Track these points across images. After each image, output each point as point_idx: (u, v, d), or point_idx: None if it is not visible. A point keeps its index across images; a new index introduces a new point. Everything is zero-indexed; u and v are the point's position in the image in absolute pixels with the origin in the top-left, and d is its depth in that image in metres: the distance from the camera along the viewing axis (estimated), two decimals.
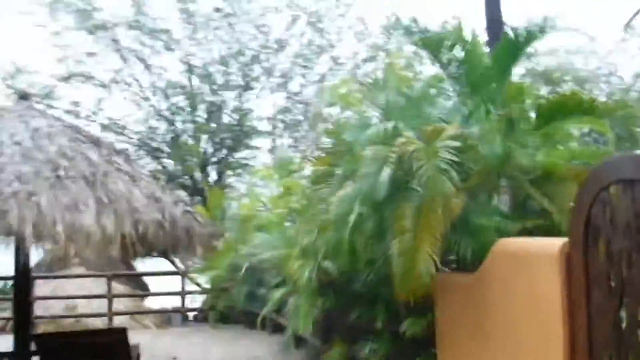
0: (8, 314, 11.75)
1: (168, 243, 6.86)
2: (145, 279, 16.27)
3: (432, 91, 6.80)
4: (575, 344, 3.85)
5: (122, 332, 7.02)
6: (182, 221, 6.91)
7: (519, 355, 4.41)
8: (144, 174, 7.48)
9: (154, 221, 6.56)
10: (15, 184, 6.22)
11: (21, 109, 7.64)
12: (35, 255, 6.69)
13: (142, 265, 17.24)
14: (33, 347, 6.91)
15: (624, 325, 3.49)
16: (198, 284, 13.74)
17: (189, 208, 7.45)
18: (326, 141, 7.88)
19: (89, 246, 6.14)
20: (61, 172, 6.58)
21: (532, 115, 6.19)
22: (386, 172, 5.27)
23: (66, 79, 17.18)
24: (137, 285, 15.80)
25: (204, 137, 17.89)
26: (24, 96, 8.07)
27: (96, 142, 7.52)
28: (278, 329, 9.95)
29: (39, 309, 12.24)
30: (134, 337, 9.10)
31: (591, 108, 5.71)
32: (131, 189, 6.83)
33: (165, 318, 13.48)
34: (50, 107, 16.68)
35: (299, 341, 8.69)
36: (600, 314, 3.66)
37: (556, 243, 4.02)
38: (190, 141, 17.35)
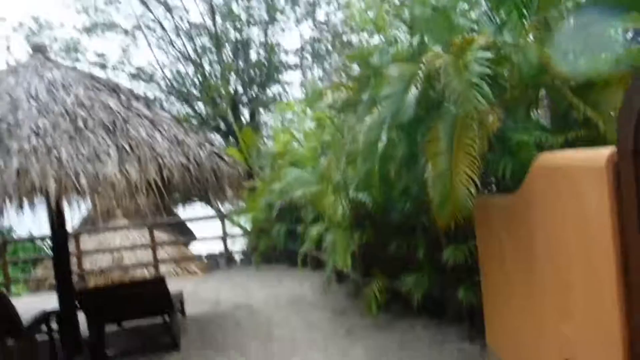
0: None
1: (196, 186, 6.70)
2: (192, 225, 16.39)
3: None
4: (629, 262, 3.49)
5: (161, 281, 6.96)
6: (208, 163, 6.72)
7: (567, 276, 4.08)
8: (166, 117, 7.25)
9: (179, 165, 6.39)
10: (33, 139, 6.09)
11: (35, 62, 7.45)
12: (77, 212, 6.58)
13: (183, 212, 17.40)
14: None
15: None
16: (240, 226, 13.74)
17: (215, 149, 7.23)
18: (353, 67, 7.49)
19: (116, 196, 6.01)
20: (80, 123, 6.42)
21: (571, 19, 5.64)
22: (413, 92, 4.88)
23: (88, 30, 16.95)
24: (183, 232, 15.95)
25: (233, 77, 17.57)
26: (37, 48, 7.86)
27: (114, 89, 7.31)
28: (320, 265, 9.85)
29: (87, 262, 12.50)
30: (179, 284, 9.19)
31: (636, 4, 5.12)
32: (153, 134, 6.64)
33: (211, 263, 13.58)
34: (77, 60, 16.58)
35: (340, 276, 8.57)
36: None
37: (603, 153, 3.60)
38: (219, 82, 17.04)
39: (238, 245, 14.08)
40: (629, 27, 6.03)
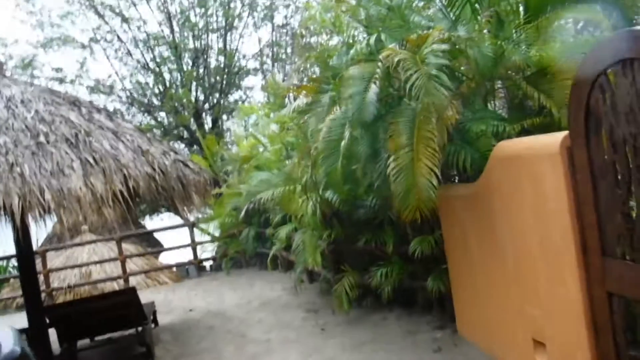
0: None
1: (162, 195, 6.70)
2: (160, 236, 16.25)
3: None
4: (587, 242, 3.64)
5: (132, 291, 6.93)
6: (173, 171, 6.72)
7: (530, 259, 4.23)
8: (129, 127, 7.22)
9: (144, 175, 6.37)
10: None
11: None
12: (43, 228, 6.50)
13: (151, 223, 17.24)
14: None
15: (634, 215, 3.28)
16: (209, 233, 13.71)
17: (179, 157, 7.23)
18: (313, 69, 7.58)
19: (82, 209, 5.97)
20: (42, 138, 6.36)
21: (522, 10, 5.82)
22: (373, 90, 4.98)
23: (44, 45, 16.71)
24: (151, 244, 15.81)
25: (194, 84, 17.50)
26: None
27: (75, 103, 7.25)
28: (290, 266, 9.91)
29: (55, 280, 12.31)
30: (150, 295, 9.14)
31: None
32: (117, 145, 6.61)
33: (181, 272, 13.51)
34: (34, 76, 16.32)
35: (311, 275, 8.65)
36: (609, 207, 3.44)
37: (556, 139, 3.76)
38: (180, 91, 16.95)
39: (208, 253, 14.03)
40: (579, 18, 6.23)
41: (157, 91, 17.77)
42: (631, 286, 3.33)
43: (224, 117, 18.18)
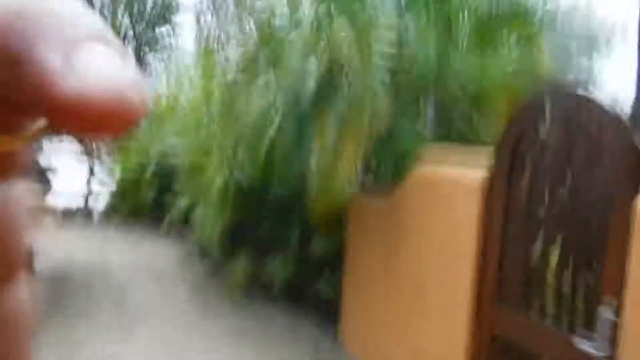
0: None
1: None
2: (52, 174, 15.31)
3: None
4: (485, 279, 3.67)
5: None
6: None
7: (428, 284, 4.24)
8: None
9: None
10: None
11: None
12: None
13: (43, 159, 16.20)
14: None
15: (534, 263, 3.33)
16: (106, 183, 13.07)
17: None
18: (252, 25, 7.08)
19: None
20: None
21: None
22: (313, 63, 4.75)
23: None
24: (41, 180, 14.88)
25: (121, 10, 16.40)
26: None
27: None
28: (184, 237, 9.58)
29: None
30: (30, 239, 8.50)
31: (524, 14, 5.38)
32: None
33: (69, 217, 12.78)
34: None
35: (204, 252, 8.38)
36: (513, 249, 3.49)
37: (478, 174, 3.76)
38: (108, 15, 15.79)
39: (100, 203, 13.35)
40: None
41: None
42: (520, 334, 3.38)
43: (147, 48, 17.15)
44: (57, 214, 12.50)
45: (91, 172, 12.35)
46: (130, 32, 16.67)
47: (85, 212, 12.62)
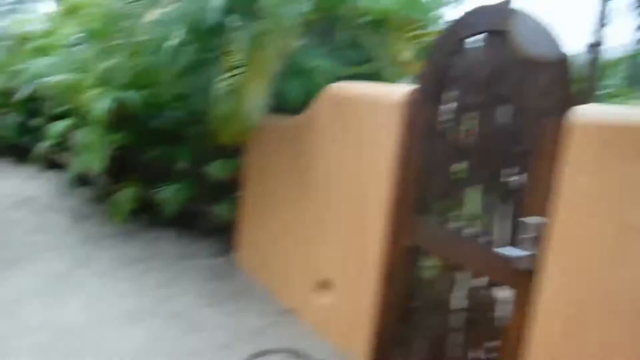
0: None
1: None
2: None
3: None
4: (402, 197, 3.72)
5: None
6: None
7: (340, 202, 4.24)
8: None
9: None
10: None
11: None
12: None
13: None
14: None
15: (450, 183, 3.42)
16: None
17: None
18: None
19: None
20: None
21: None
22: None
23: None
24: None
25: None
26: None
27: None
28: (55, 165, 8.91)
29: None
30: None
31: None
32: None
33: None
34: None
35: (83, 180, 7.85)
36: (431, 169, 3.55)
37: (399, 90, 3.76)
38: None
39: None
40: None
41: None
42: (435, 245, 3.50)
43: None
44: None
45: None
46: None
47: None
